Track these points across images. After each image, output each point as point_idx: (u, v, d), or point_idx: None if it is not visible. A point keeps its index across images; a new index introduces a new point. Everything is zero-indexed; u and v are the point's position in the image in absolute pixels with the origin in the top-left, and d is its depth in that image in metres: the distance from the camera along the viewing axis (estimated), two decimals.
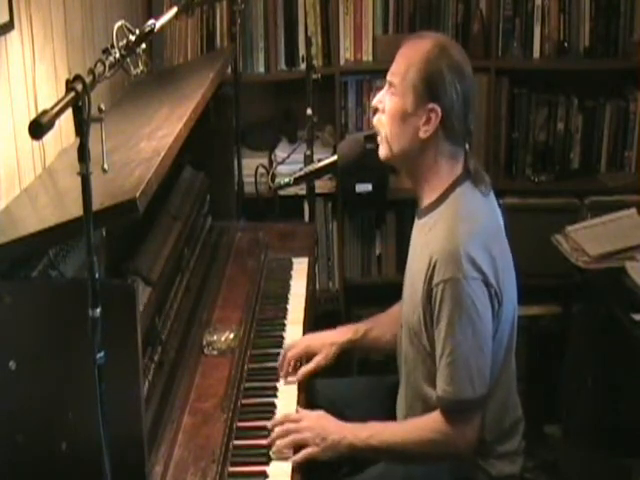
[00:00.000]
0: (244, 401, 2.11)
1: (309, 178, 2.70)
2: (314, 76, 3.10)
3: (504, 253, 2.02)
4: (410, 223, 2.17)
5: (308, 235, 3.06)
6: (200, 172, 2.78)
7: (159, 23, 1.94)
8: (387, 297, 2.46)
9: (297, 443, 1.97)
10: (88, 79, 1.39)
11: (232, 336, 2.34)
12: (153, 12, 3.34)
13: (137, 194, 1.55)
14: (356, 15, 3.56)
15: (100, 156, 1.44)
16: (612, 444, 3.10)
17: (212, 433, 1.96)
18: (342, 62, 3.56)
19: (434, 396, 1.98)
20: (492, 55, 3.57)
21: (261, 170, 3.17)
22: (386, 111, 2.03)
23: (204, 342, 2.31)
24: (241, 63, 3.45)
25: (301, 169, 2.65)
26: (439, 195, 2.01)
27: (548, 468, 3.07)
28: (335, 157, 2.45)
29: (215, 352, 2.28)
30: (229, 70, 3.09)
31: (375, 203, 3.62)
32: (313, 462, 1.98)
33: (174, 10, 2.26)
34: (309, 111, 3.09)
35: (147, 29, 1.83)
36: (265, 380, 2.21)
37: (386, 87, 2.04)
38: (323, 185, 3.53)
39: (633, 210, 3.27)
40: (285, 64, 3.58)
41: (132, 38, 1.72)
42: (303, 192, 3.29)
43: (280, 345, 2.36)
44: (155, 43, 3.42)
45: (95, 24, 2.62)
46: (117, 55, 1.61)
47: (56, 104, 1.33)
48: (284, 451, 1.95)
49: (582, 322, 3.30)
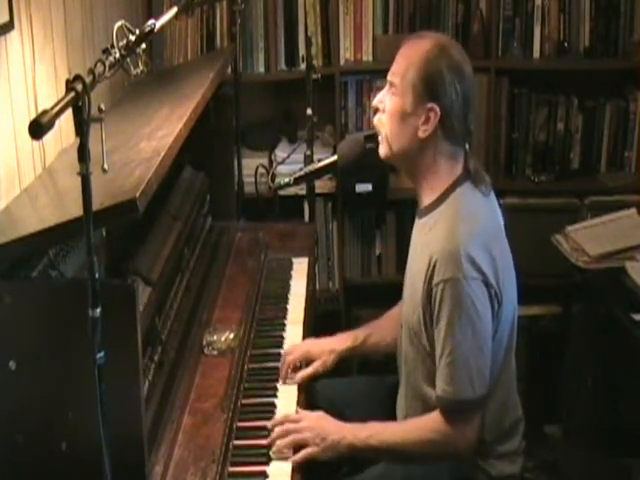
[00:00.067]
0: (244, 401, 2.11)
1: (309, 178, 2.69)
2: (314, 76, 3.10)
3: (504, 253, 2.02)
4: (410, 223, 2.17)
5: (308, 235, 3.06)
6: (200, 172, 2.78)
7: (159, 23, 1.94)
8: (387, 297, 2.46)
9: (297, 443, 1.97)
10: (88, 79, 1.39)
11: (232, 336, 2.34)
12: (153, 12, 3.34)
13: (137, 194, 1.55)
14: (356, 15, 3.56)
15: (100, 156, 1.44)
16: (612, 444, 3.10)
17: (212, 433, 1.96)
18: (342, 62, 3.56)
19: (434, 396, 1.97)
20: (492, 55, 3.56)
21: (261, 170, 3.16)
22: (386, 111, 2.03)
23: (204, 342, 2.31)
24: (241, 63, 3.45)
25: (301, 169, 2.65)
26: (439, 195, 2.01)
27: (548, 468, 3.07)
28: (335, 157, 2.45)
29: (215, 352, 2.28)
30: (229, 70, 3.08)
31: (375, 203, 3.61)
32: (313, 462, 1.98)
33: (174, 10, 2.26)
34: (309, 111, 3.09)
35: (147, 29, 1.83)
36: (265, 380, 2.21)
37: (386, 87, 2.04)
38: (323, 185, 3.53)
39: (633, 210, 3.27)
40: (285, 64, 3.58)
41: (132, 38, 1.72)
42: (303, 192, 3.28)
43: (280, 345, 2.36)
44: (155, 43, 3.42)
45: (95, 24, 2.62)
46: (117, 55, 1.61)
47: (56, 104, 1.33)
48: (284, 451, 1.95)
49: (582, 322, 3.30)
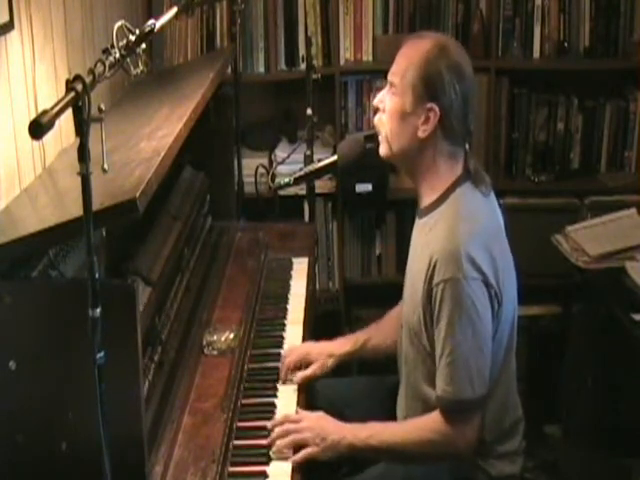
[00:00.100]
0: (244, 401, 2.11)
1: (309, 178, 2.69)
2: (314, 76, 3.10)
3: (504, 253, 2.02)
4: (410, 223, 2.17)
5: (308, 235, 3.05)
6: (200, 172, 2.78)
7: (159, 23, 1.94)
8: (387, 297, 2.46)
9: (297, 443, 1.97)
10: (88, 79, 1.39)
11: (232, 336, 2.34)
12: (153, 12, 3.34)
13: (137, 194, 1.55)
14: (356, 15, 3.56)
15: (100, 156, 1.44)
16: (612, 444, 3.10)
17: (212, 433, 1.96)
18: (342, 62, 3.56)
19: (434, 396, 1.97)
20: (492, 55, 3.57)
21: (261, 170, 3.16)
22: (386, 111, 2.03)
23: (204, 342, 2.31)
24: (241, 63, 3.45)
25: (301, 169, 2.65)
26: (439, 195, 2.01)
27: (548, 468, 3.07)
28: (335, 157, 2.45)
29: (215, 352, 2.28)
30: (229, 70, 3.08)
31: (375, 203, 3.61)
32: (313, 462, 1.98)
33: (174, 10, 2.26)
34: (309, 111, 3.09)
35: (147, 29, 1.83)
36: (265, 380, 2.21)
37: (387, 87, 2.04)
38: (323, 185, 3.53)
39: (633, 210, 3.27)
40: (285, 64, 3.58)
41: (132, 38, 1.72)
42: (303, 192, 3.28)
43: (280, 345, 2.36)
44: (155, 43, 3.42)
45: (95, 24, 2.62)
46: (117, 55, 1.61)
47: (56, 104, 1.32)
48: (284, 451, 1.95)
49: (582, 322, 3.30)
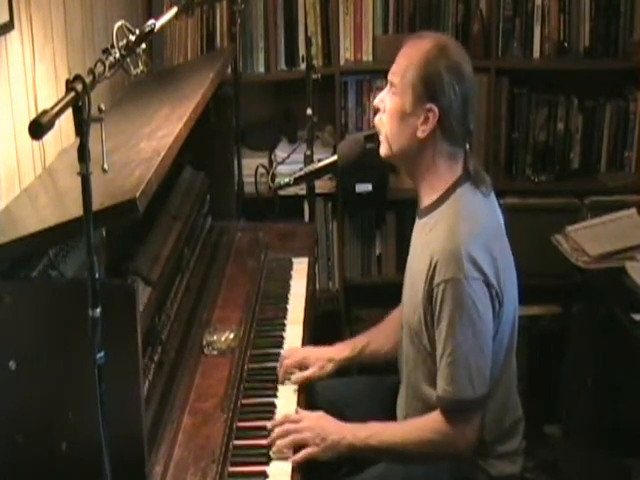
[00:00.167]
0: (244, 401, 2.11)
1: (309, 178, 2.69)
2: (314, 76, 3.10)
3: (505, 253, 2.02)
4: (410, 223, 2.17)
5: (308, 235, 3.05)
6: (200, 172, 2.78)
7: (159, 23, 1.94)
8: (387, 297, 2.46)
9: (297, 443, 1.97)
10: (88, 79, 1.39)
11: (232, 336, 2.34)
12: (153, 12, 3.34)
13: (137, 194, 1.55)
14: (356, 15, 3.56)
15: (100, 156, 1.44)
16: (612, 444, 3.10)
17: (212, 433, 1.96)
18: (342, 62, 3.56)
19: (434, 396, 1.98)
20: (492, 55, 3.57)
21: (261, 170, 3.16)
22: (386, 110, 2.03)
23: (204, 342, 2.31)
24: (241, 63, 3.45)
25: (301, 169, 2.65)
26: (440, 195, 2.01)
27: (548, 468, 3.07)
28: (335, 157, 2.45)
29: (215, 352, 2.28)
30: (229, 70, 3.08)
31: (375, 203, 3.61)
32: (313, 462, 1.98)
33: (174, 10, 2.26)
34: (309, 111, 3.09)
35: (147, 29, 1.83)
36: (265, 380, 2.21)
37: (387, 87, 2.04)
38: (323, 185, 3.53)
39: (633, 210, 3.27)
40: (285, 64, 3.58)
41: (132, 38, 1.72)
42: (303, 192, 3.28)
43: (280, 345, 2.36)
44: (155, 43, 3.42)
45: (95, 24, 2.62)
46: (117, 55, 1.61)
47: (56, 104, 1.32)
48: (284, 451, 1.95)
49: (582, 322, 3.30)
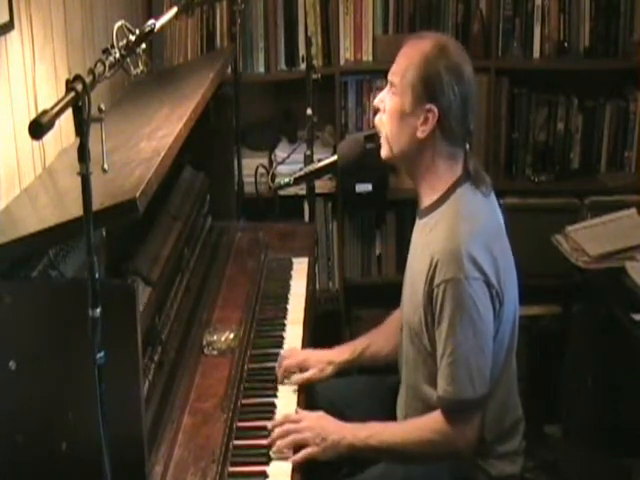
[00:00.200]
0: (244, 401, 2.11)
1: (309, 178, 2.69)
2: (314, 76, 3.10)
3: (505, 253, 2.02)
4: (410, 223, 2.17)
5: (308, 235, 3.05)
6: (200, 172, 2.78)
7: (159, 23, 1.94)
8: (387, 297, 2.45)
9: (297, 443, 1.97)
10: (88, 79, 1.39)
11: (232, 336, 2.34)
12: (153, 12, 3.34)
13: (137, 194, 1.55)
14: (356, 15, 3.56)
15: (100, 156, 1.44)
16: (612, 444, 3.10)
17: (212, 433, 1.96)
18: (342, 62, 3.56)
19: (434, 396, 1.98)
20: (492, 55, 3.57)
21: (261, 170, 3.16)
22: (386, 110, 2.03)
23: (204, 342, 2.31)
24: (241, 63, 3.45)
25: (301, 169, 2.64)
26: (440, 195, 2.01)
27: (548, 468, 3.07)
28: (335, 157, 2.45)
29: (215, 352, 2.28)
30: (229, 70, 3.08)
31: (375, 203, 3.61)
32: (313, 462, 1.98)
33: (174, 10, 2.26)
34: (309, 111, 3.09)
35: (147, 29, 1.83)
36: (265, 380, 2.21)
37: (387, 87, 2.04)
38: (323, 185, 3.53)
39: (633, 210, 3.27)
40: (285, 64, 3.58)
41: (132, 38, 1.72)
42: (303, 192, 3.28)
43: (280, 345, 2.36)
44: (155, 43, 3.42)
45: (95, 24, 2.62)
46: (117, 55, 1.61)
47: (56, 104, 1.32)
48: (284, 451, 1.95)
49: (582, 322, 3.30)
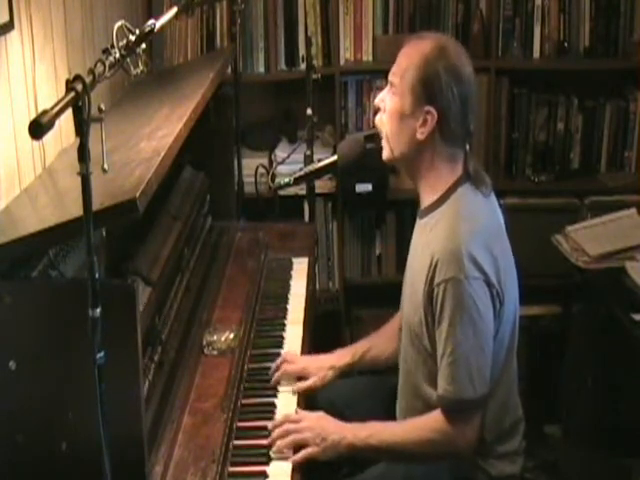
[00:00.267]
0: (244, 401, 2.11)
1: (309, 178, 2.69)
2: (314, 76, 3.10)
3: (505, 253, 2.02)
4: (410, 223, 2.17)
5: (308, 235, 3.05)
6: (200, 172, 2.78)
7: (159, 23, 1.94)
8: (387, 297, 2.45)
9: (297, 443, 1.97)
10: (88, 79, 1.39)
11: (232, 336, 2.34)
12: (153, 12, 3.34)
13: (137, 194, 1.55)
14: (356, 15, 3.56)
15: (100, 156, 1.44)
16: (612, 444, 3.10)
17: (212, 433, 1.96)
18: (342, 62, 3.56)
19: (434, 396, 1.98)
20: (492, 55, 3.57)
21: (261, 170, 3.16)
22: (386, 110, 2.03)
23: (204, 342, 2.31)
24: (241, 63, 3.45)
25: (301, 169, 2.65)
26: (440, 195, 2.01)
27: (548, 468, 3.07)
28: (335, 157, 2.45)
29: (215, 352, 2.28)
30: (229, 70, 3.08)
31: (375, 203, 3.61)
32: (313, 462, 1.98)
33: (174, 10, 2.26)
34: (309, 111, 3.09)
35: (147, 29, 1.83)
36: (265, 380, 2.21)
37: (388, 86, 2.04)
38: (323, 185, 3.53)
39: (633, 210, 3.27)
40: (285, 64, 3.58)
41: (132, 38, 1.72)
42: (303, 192, 3.28)
43: (280, 345, 2.36)
44: (155, 43, 3.42)
45: (95, 24, 2.62)
46: (117, 55, 1.61)
47: (56, 104, 1.32)
48: (284, 451, 1.95)
49: (582, 322, 3.30)
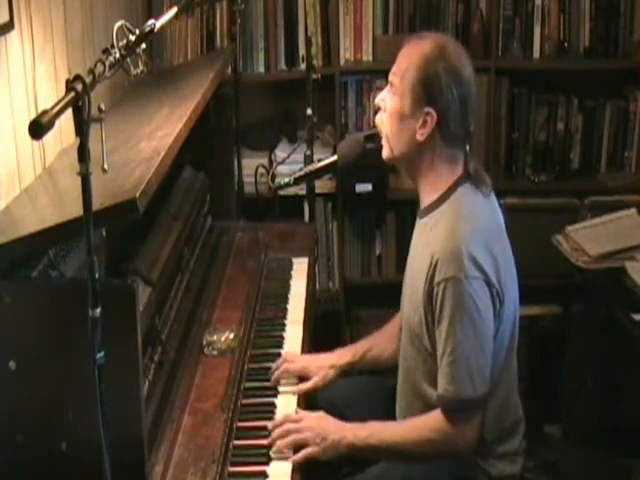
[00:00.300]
0: (244, 401, 2.11)
1: (309, 178, 2.69)
2: (314, 76, 3.10)
3: (505, 253, 2.02)
4: (410, 223, 2.17)
5: (308, 235, 3.05)
6: (200, 172, 2.78)
7: (159, 23, 1.94)
8: (387, 297, 2.45)
9: (297, 443, 1.97)
10: (88, 79, 1.39)
11: (232, 336, 2.34)
12: (153, 12, 3.34)
13: (137, 194, 1.55)
14: (356, 15, 3.56)
15: (100, 156, 1.44)
16: (612, 444, 3.10)
17: (212, 433, 1.96)
18: (342, 62, 3.56)
19: (434, 395, 1.98)
20: (492, 55, 3.57)
21: (261, 170, 3.16)
22: (387, 110, 2.03)
23: (204, 342, 2.31)
24: (241, 63, 3.45)
25: (301, 169, 2.64)
26: (440, 195, 2.01)
27: (548, 468, 3.06)
28: (335, 157, 2.45)
29: (215, 352, 2.28)
30: (229, 70, 3.08)
31: (375, 203, 3.61)
32: (313, 462, 1.98)
33: (174, 10, 2.26)
34: (309, 111, 3.09)
35: (147, 29, 1.83)
36: (265, 380, 2.21)
37: (388, 86, 2.04)
38: (323, 185, 3.53)
39: (633, 210, 3.27)
40: (285, 64, 3.58)
41: (132, 38, 1.72)
42: (303, 192, 3.28)
43: (280, 345, 2.36)
44: (155, 43, 3.42)
45: (95, 24, 2.62)
46: (117, 55, 1.61)
47: (56, 104, 1.32)
48: (284, 451, 1.95)
49: (582, 322, 3.30)
